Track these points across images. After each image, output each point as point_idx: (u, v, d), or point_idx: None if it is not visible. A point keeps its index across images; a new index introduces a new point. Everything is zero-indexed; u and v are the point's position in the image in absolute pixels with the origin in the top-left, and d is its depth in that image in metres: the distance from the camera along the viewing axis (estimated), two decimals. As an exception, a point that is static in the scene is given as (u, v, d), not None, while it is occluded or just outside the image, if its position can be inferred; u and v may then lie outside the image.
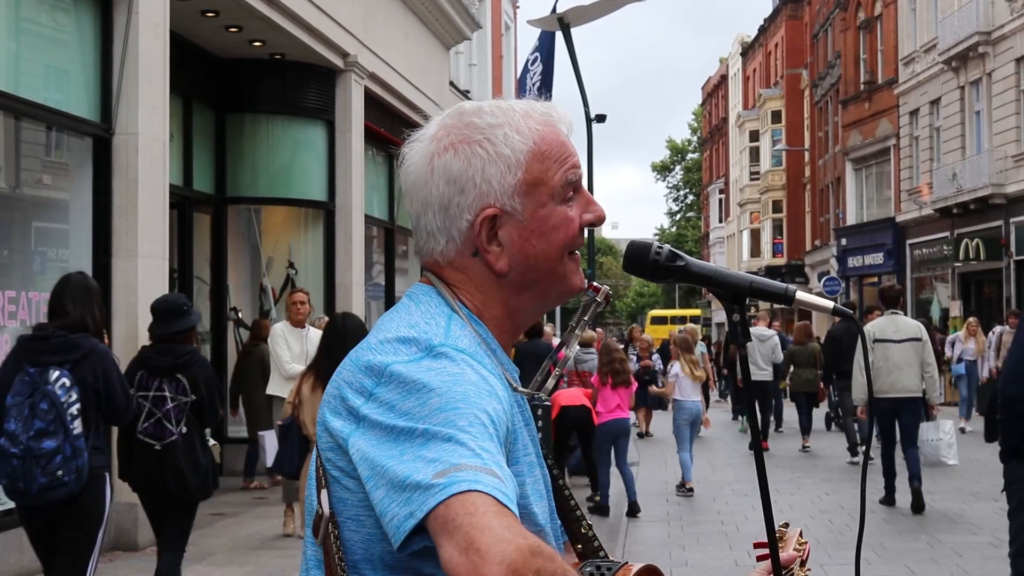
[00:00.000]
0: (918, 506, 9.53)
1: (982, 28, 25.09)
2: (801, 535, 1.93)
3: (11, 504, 7.06)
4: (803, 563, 1.89)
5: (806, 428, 15.07)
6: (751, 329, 13.83)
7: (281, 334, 8.83)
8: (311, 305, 9.34)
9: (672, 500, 10.70)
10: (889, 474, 9.91)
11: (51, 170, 8.39)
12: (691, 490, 10.99)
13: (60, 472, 4.57)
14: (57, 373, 4.65)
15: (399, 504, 1.15)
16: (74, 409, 4.63)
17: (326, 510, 1.30)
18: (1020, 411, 4.51)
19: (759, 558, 1.78)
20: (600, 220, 1.47)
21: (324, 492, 1.31)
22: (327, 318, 10.24)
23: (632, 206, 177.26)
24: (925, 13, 29.54)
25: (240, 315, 12.21)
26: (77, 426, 4.63)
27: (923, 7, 29.67)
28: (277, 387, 8.93)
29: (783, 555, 1.73)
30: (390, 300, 15.55)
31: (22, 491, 4.63)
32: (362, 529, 1.28)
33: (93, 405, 4.75)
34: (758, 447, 1.50)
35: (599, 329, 22.15)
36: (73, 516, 4.77)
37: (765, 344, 15.42)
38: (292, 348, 8.77)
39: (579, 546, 1.54)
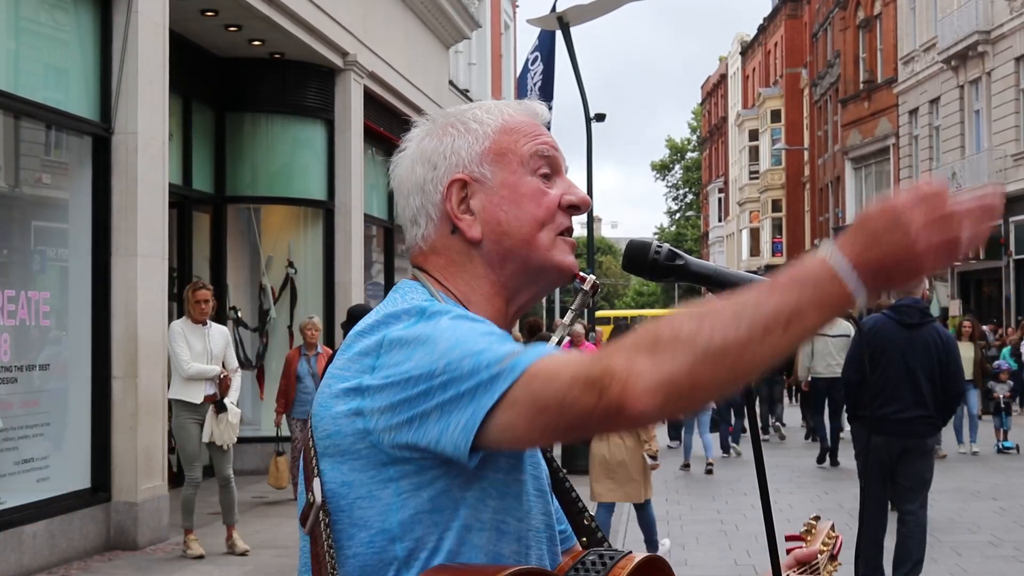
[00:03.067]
0: (834, 463, 12.91)
1: (981, 27, 25.10)
2: (833, 528, 1.90)
3: (12, 504, 7.08)
4: (834, 557, 1.85)
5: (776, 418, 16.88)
6: None
7: (180, 331, 7.84)
8: (216, 302, 8.58)
9: (671, 499, 10.71)
10: (823, 440, 13.27)
11: (50, 169, 8.38)
12: (710, 468, 12.31)
13: None
14: None
15: (460, 410, 1.19)
16: None
17: (318, 498, 1.31)
18: (850, 390, 6.70)
19: (789, 551, 1.79)
20: (583, 203, 1.47)
21: (317, 481, 1.32)
22: (314, 317, 10.24)
23: (622, 205, 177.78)
24: (924, 12, 29.54)
25: (240, 314, 12.21)
26: None
27: (922, 6, 29.67)
28: (178, 390, 7.90)
29: (807, 549, 1.76)
30: (389, 299, 15.55)
31: None
32: (377, 503, 1.29)
33: None
34: (757, 446, 1.50)
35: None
36: None
37: None
38: (193, 347, 7.88)
39: (584, 538, 1.54)
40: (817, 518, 1.89)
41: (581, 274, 1.50)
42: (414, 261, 1.48)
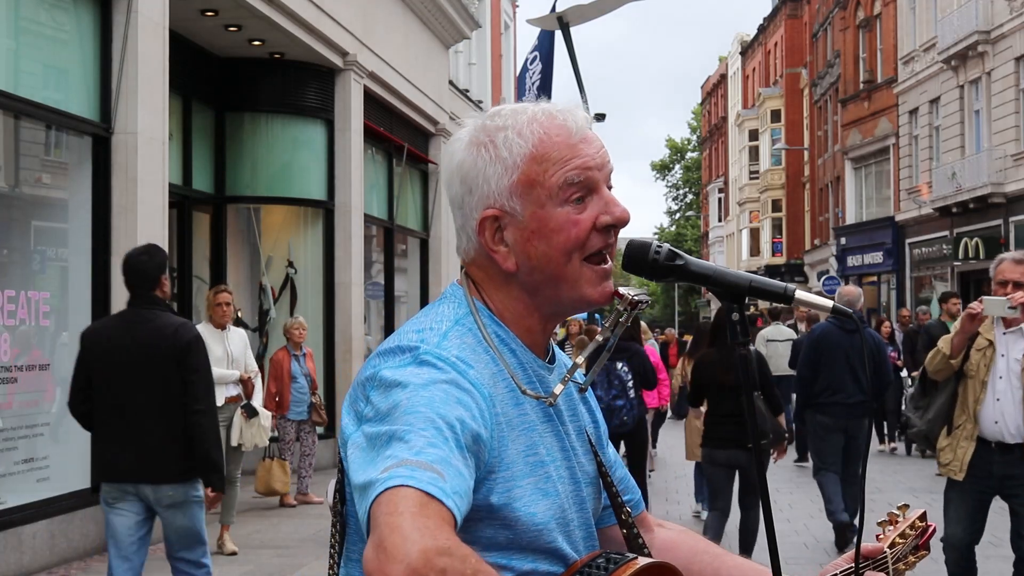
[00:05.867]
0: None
1: (981, 27, 25.09)
2: (924, 517, 1.83)
3: (12, 504, 7.07)
4: (919, 547, 1.80)
5: None
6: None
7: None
8: (235, 306, 8.51)
9: (671, 499, 10.71)
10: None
11: (50, 169, 8.38)
12: None
13: (626, 417, 8.15)
14: (620, 363, 8.17)
15: (360, 502, 1.21)
16: (630, 383, 8.21)
17: (329, 500, 1.39)
18: (805, 384, 8.34)
19: (877, 536, 1.77)
20: (621, 221, 1.46)
21: (332, 482, 1.43)
22: (300, 318, 10.21)
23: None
24: (924, 12, 29.54)
25: (240, 314, 12.20)
26: (632, 393, 8.23)
27: (923, 6, 29.66)
28: None
29: (871, 545, 1.73)
30: (389, 299, 15.56)
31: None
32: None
33: (640, 382, 8.33)
34: (757, 446, 1.50)
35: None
36: (633, 442, 8.62)
37: None
38: (213, 351, 7.39)
39: (624, 531, 1.58)
40: (906, 506, 1.82)
41: (620, 291, 1.51)
42: (463, 263, 1.53)
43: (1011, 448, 5.25)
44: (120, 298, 7.98)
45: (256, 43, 11.36)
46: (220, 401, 7.73)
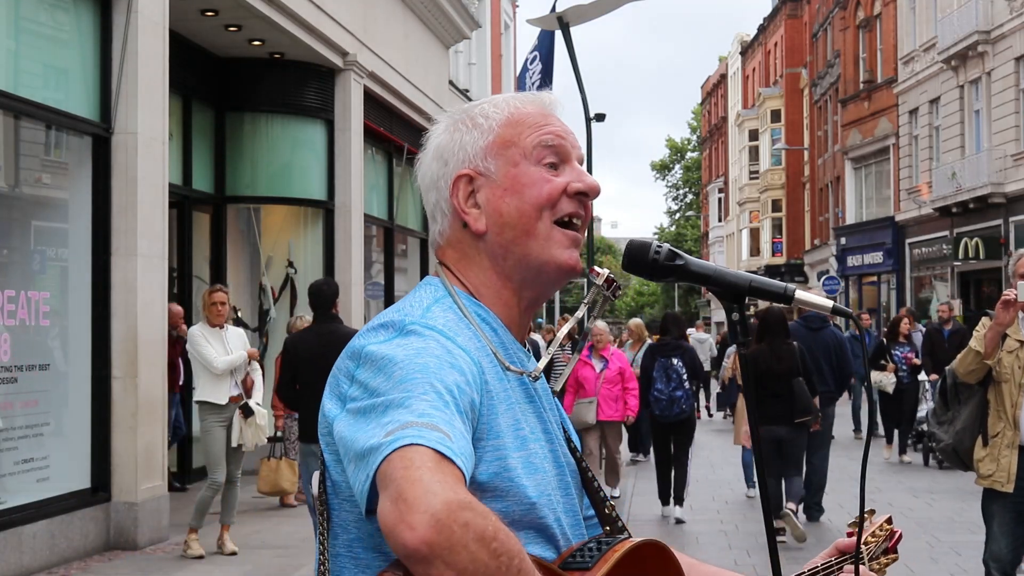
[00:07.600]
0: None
1: (981, 27, 25.09)
2: (890, 521, 1.87)
3: (12, 504, 7.07)
4: (888, 550, 1.83)
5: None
6: (693, 335, 20.35)
7: (200, 335, 7.86)
8: (231, 305, 8.58)
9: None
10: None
11: (50, 169, 8.38)
12: None
13: (684, 406, 9.36)
14: (676, 360, 9.44)
15: (360, 470, 1.20)
16: (685, 375, 9.38)
17: (315, 490, 1.37)
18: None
19: (849, 533, 1.79)
20: (592, 190, 1.49)
21: (317, 474, 1.38)
22: (304, 316, 10.20)
23: (621, 205, 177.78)
24: (924, 12, 29.54)
25: (240, 314, 12.21)
26: (687, 385, 9.38)
27: (922, 6, 29.67)
28: (205, 391, 7.85)
29: (849, 540, 1.76)
30: (389, 299, 15.55)
31: (665, 415, 9.39)
32: (355, 509, 1.32)
33: (692, 375, 9.49)
34: (757, 447, 1.50)
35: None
36: (685, 428, 9.57)
37: (703, 345, 20.55)
38: (215, 347, 7.85)
39: (607, 527, 1.57)
40: (872, 511, 1.84)
41: (595, 268, 1.51)
42: (436, 255, 1.53)
43: None
44: (120, 297, 8.01)
45: (256, 43, 11.36)
46: (223, 400, 7.74)
